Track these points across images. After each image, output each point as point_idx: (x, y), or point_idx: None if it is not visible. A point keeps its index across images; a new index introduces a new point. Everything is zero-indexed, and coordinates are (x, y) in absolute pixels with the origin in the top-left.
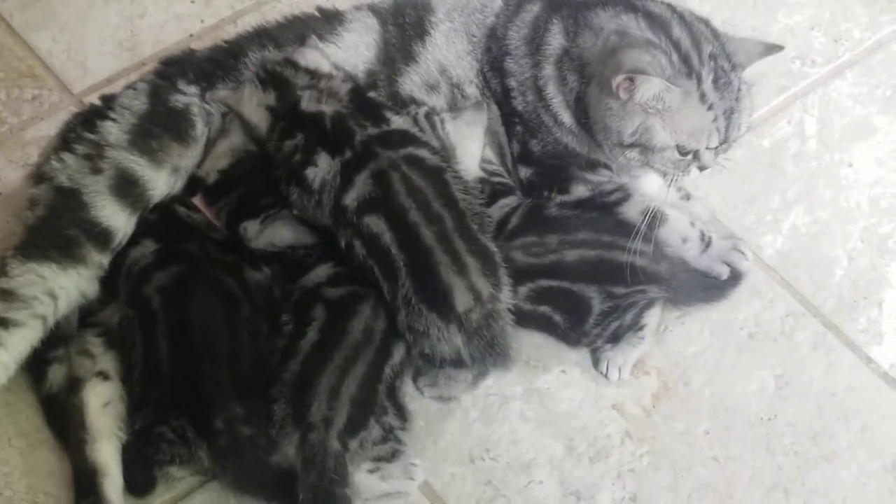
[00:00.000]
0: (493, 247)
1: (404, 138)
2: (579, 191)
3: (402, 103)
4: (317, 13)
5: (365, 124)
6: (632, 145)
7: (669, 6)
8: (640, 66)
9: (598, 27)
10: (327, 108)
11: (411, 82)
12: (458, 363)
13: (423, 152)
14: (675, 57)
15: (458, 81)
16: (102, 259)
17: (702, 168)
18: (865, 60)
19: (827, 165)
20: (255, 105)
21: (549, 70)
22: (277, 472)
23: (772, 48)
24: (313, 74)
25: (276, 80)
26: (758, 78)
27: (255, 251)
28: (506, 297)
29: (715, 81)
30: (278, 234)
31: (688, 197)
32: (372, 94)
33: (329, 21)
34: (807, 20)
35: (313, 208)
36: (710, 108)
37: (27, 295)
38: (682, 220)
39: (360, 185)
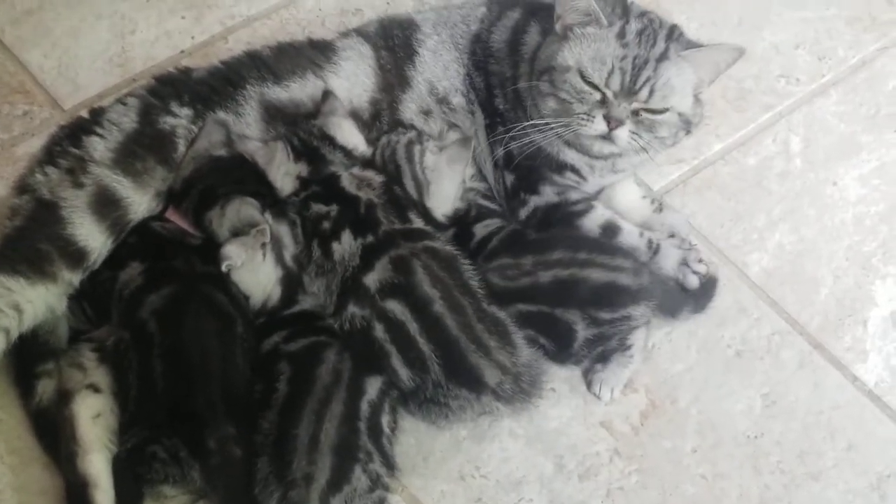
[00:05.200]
0: (500, 315)
1: (422, 234)
2: (547, 193)
3: (402, 127)
4: (307, 42)
5: (392, 220)
6: (545, 70)
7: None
8: None
9: None
10: (363, 195)
11: (410, 110)
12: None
13: (437, 244)
14: (617, 9)
15: (444, 95)
16: (73, 277)
17: (609, 119)
18: (850, 79)
19: (812, 184)
20: (283, 173)
21: (524, 68)
22: None
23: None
24: (348, 154)
25: (311, 154)
26: (743, 95)
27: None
28: (522, 353)
29: (640, 32)
30: (237, 211)
31: (660, 209)
32: (398, 190)
33: (322, 51)
34: (791, 38)
35: (326, 271)
36: (623, 46)
37: None
38: (632, 232)
39: (381, 269)
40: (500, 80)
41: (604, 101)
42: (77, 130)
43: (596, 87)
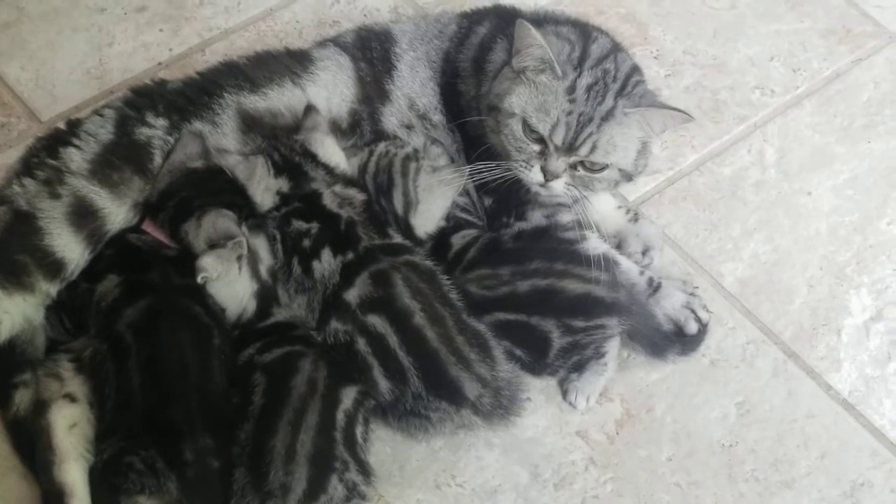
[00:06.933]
0: (481, 328)
1: (402, 249)
2: (536, 217)
3: (387, 138)
4: (285, 52)
5: (373, 235)
6: (492, 108)
7: (612, 42)
8: (541, 37)
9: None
10: (344, 213)
11: (391, 123)
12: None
13: (417, 258)
14: (574, 55)
15: (424, 111)
16: (50, 288)
17: (546, 172)
18: (824, 90)
19: (786, 194)
20: (263, 188)
21: (487, 86)
22: None
23: (676, 114)
24: (330, 172)
25: (292, 170)
26: (718, 107)
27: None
28: (502, 368)
29: (590, 86)
30: (213, 223)
31: (635, 219)
32: (377, 207)
33: (299, 60)
34: (766, 50)
35: (307, 289)
36: (571, 101)
37: None
38: (632, 268)
39: (361, 285)
40: (467, 101)
41: (543, 153)
42: (54, 142)
43: (538, 138)
